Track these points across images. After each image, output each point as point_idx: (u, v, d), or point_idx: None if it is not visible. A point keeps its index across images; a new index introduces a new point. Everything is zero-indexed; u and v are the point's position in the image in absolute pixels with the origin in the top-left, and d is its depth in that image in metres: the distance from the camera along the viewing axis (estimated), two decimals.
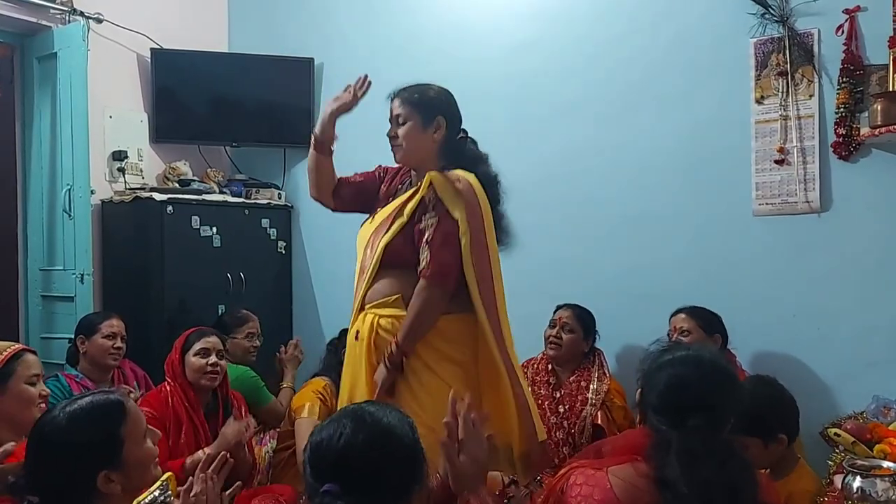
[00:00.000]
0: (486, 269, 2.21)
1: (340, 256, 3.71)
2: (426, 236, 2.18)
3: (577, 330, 2.94)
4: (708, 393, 1.52)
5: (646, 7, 3.13)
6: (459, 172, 2.23)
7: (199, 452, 2.44)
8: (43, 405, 2.07)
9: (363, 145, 2.67)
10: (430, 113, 2.28)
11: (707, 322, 2.75)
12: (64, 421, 1.52)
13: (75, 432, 1.51)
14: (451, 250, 2.17)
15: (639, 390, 1.64)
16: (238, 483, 1.88)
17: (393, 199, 2.35)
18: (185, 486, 1.70)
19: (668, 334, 2.77)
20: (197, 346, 2.67)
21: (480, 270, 2.19)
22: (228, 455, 2.04)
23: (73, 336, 3.00)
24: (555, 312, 3.01)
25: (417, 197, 2.23)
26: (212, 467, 1.73)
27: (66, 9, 3.47)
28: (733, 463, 1.45)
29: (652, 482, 1.45)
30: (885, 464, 1.93)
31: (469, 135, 2.39)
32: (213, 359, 2.66)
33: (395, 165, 2.44)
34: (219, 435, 2.55)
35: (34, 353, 2.13)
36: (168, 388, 2.63)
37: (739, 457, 1.49)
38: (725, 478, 1.41)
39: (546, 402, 2.92)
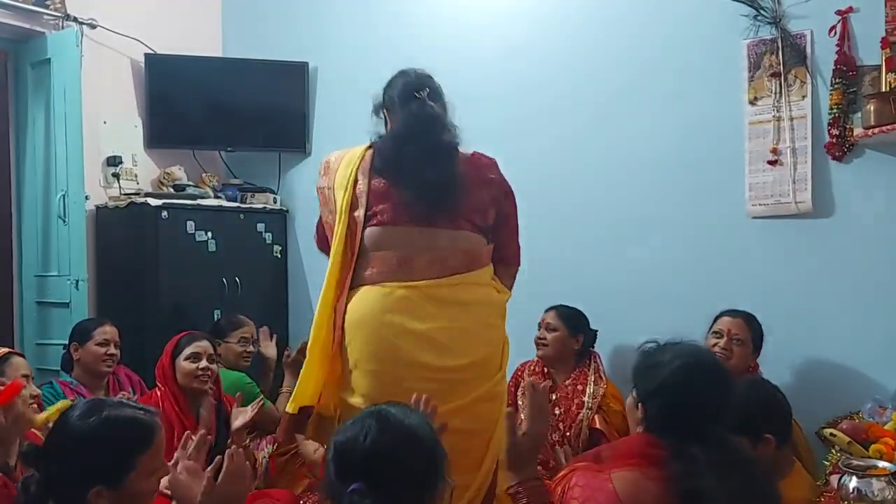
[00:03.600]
0: (331, 229, 2.22)
1: None
2: None
3: (560, 328, 2.94)
4: (711, 398, 1.52)
5: (639, 8, 3.14)
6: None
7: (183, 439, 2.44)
8: (35, 405, 2.08)
9: None
10: (377, 109, 2.28)
11: (757, 335, 2.64)
12: (97, 423, 1.52)
13: (99, 439, 1.51)
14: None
15: (632, 390, 1.63)
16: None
17: None
18: (171, 462, 1.68)
19: (716, 333, 2.66)
20: (188, 351, 2.67)
21: (327, 228, 2.25)
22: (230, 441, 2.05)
23: (67, 343, 2.99)
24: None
25: None
26: (190, 445, 1.72)
27: (59, 14, 3.46)
28: (758, 468, 1.48)
29: (667, 490, 1.43)
30: (881, 464, 1.94)
31: (422, 94, 2.18)
32: (203, 363, 2.66)
33: None
34: (200, 422, 2.56)
35: (21, 355, 2.14)
36: (159, 392, 2.64)
37: (760, 461, 1.52)
38: (756, 484, 1.43)
39: None
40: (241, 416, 2.62)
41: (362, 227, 2.13)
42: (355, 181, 2.15)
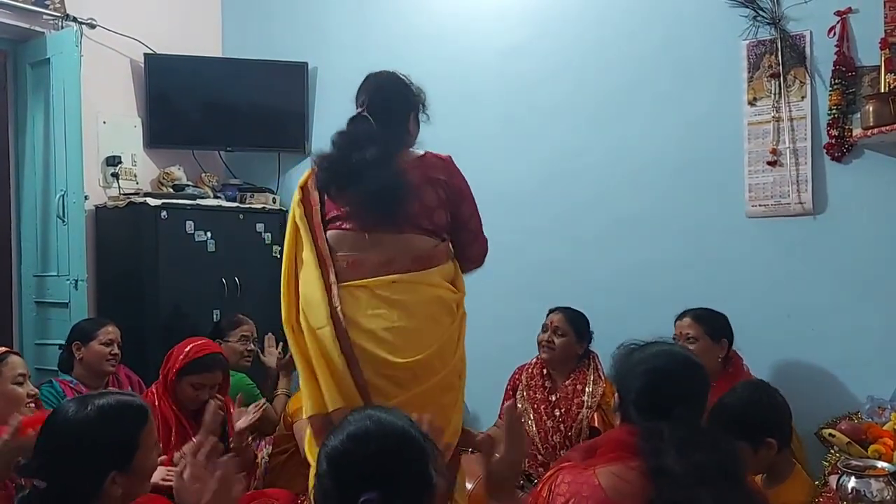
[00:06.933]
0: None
1: None
2: None
3: (568, 333, 2.93)
4: (684, 383, 1.57)
5: (638, 9, 3.14)
6: None
7: (188, 445, 2.42)
8: (32, 404, 2.08)
9: None
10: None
11: (712, 326, 2.68)
12: (93, 415, 1.54)
13: (102, 428, 1.53)
14: None
15: (616, 393, 1.66)
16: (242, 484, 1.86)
17: None
18: (178, 469, 1.69)
19: (675, 338, 2.73)
20: (195, 379, 2.56)
21: None
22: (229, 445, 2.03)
23: (67, 342, 2.99)
24: (547, 316, 3.00)
25: None
26: (201, 452, 1.72)
27: (58, 14, 3.46)
28: (724, 446, 1.50)
29: (643, 475, 1.45)
30: (880, 464, 1.94)
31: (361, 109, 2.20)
32: (206, 395, 2.58)
33: None
34: (202, 427, 2.52)
35: (18, 354, 2.14)
36: (157, 390, 2.61)
37: (727, 440, 1.54)
38: (719, 460, 1.45)
39: (542, 406, 2.92)
40: (244, 418, 2.60)
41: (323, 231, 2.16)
42: (304, 191, 2.21)
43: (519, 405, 3.01)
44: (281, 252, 3.92)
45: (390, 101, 2.23)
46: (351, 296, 2.09)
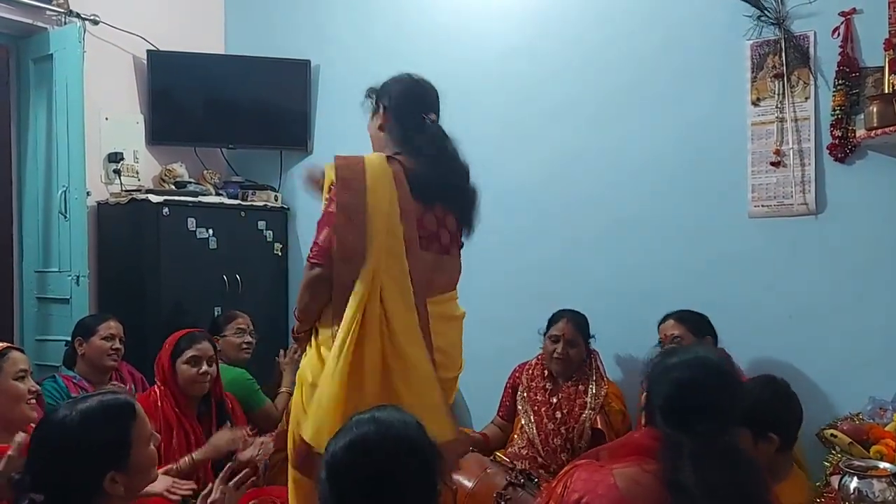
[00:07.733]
0: (355, 248, 1.99)
1: None
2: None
3: (580, 343, 2.93)
4: (715, 395, 1.53)
5: (640, 9, 3.13)
6: (365, 155, 2.13)
7: (185, 459, 2.43)
8: (33, 401, 2.08)
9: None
10: (375, 101, 2.26)
11: (696, 325, 2.74)
12: (77, 419, 1.53)
13: (89, 431, 1.52)
14: (323, 230, 2.05)
15: (645, 393, 1.64)
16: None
17: None
18: (203, 492, 1.71)
19: (660, 342, 2.77)
20: (188, 354, 2.63)
21: (343, 249, 1.99)
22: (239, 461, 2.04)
23: (69, 338, 2.99)
24: (552, 324, 2.98)
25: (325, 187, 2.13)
26: (233, 481, 1.74)
27: (62, 10, 3.46)
28: (744, 466, 1.47)
29: (660, 482, 1.44)
30: (882, 464, 1.94)
31: (434, 120, 2.20)
32: (203, 367, 2.62)
33: None
34: (209, 442, 2.52)
35: (20, 350, 2.14)
36: (158, 391, 2.61)
37: (749, 460, 1.50)
38: (737, 481, 1.43)
39: (543, 409, 2.91)
40: (250, 449, 2.57)
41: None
42: (396, 197, 2.06)
43: (519, 406, 3.01)
44: (281, 250, 3.98)
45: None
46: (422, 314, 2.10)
